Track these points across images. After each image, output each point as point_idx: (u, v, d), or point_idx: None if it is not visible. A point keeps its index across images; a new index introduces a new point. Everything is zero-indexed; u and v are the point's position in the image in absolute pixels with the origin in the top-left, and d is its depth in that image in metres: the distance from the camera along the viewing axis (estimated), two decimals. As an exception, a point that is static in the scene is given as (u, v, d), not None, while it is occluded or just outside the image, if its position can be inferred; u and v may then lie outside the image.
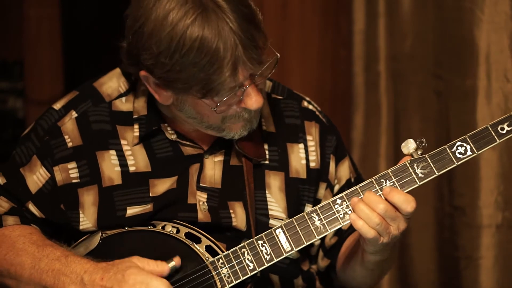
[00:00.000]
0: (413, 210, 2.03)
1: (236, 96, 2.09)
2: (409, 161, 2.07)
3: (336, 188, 2.35)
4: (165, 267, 2.04)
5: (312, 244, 2.36)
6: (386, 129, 3.55)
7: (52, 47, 4.53)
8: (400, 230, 2.05)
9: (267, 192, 2.27)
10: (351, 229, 2.31)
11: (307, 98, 2.40)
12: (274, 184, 2.27)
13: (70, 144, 2.24)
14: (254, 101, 2.11)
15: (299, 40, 3.85)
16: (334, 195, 2.30)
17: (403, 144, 2.07)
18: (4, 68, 4.77)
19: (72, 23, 4.55)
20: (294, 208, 2.23)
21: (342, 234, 2.34)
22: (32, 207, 2.25)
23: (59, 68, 4.54)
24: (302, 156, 2.31)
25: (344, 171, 2.36)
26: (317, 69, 3.86)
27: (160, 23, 2.02)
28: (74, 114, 2.27)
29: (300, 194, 2.29)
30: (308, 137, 2.33)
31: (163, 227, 2.19)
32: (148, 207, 2.21)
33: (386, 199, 2.02)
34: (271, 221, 2.24)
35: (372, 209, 2.01)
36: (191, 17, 2.00)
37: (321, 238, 2.14)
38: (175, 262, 2.05)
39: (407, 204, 2.02)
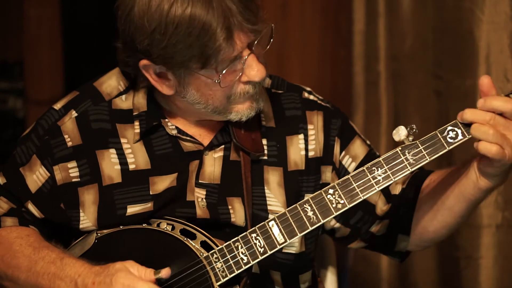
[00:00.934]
0: None
1: (238, 69, 2.10)
2: (400, 148, 2.06)
3: (353, 165, 2.32)
4: (151, 277, 2.04)
5: (333, 230, 2.35)
6: (386, 129, 3.55)
7: (52, 47, 4.53)
8: None
9: (265, 187, 2.26)
10: (414, 185, 2.28)
11: (308, 89, 2.40)
12: (273, 179, 2.27)
13: (70, 144, 2.25)
14: (256, 71, 2.11)
15: (299, 40, 3.85)
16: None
17: (394, 131, 2.06)
18: (4, 68, 4.76)
19: (72, 23, 4.55)
20: (293, 201, 2.22)
21: (399, 196, 2.29)
22: (31, 207, 2.26)
23: (59, 68, 4.53)
24: (302, 146, 2.31)
25: (358, 148, 2.34)
26: (317, 69, 3.86)
27: (148, 1, 2.04)
28: (74, 113, 2.27)
29: (300, 186, 2.29)
30: (309, 126, 2.32)
31: (158, 225, 2.19)
32: (148, 206, 2.21)
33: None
34: (270, 216, 2.23)
35: (479, 123, 1.97)
36: None
37: (314, 228, 2.11)
38: (162, 274, 2.04)
39: (507, 103, 1.98)
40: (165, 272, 2.04)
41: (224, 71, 2.09)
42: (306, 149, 2.31)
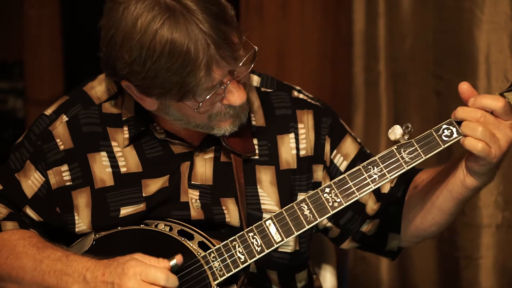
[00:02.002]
0: (505, 106, 1.98)
1: (218, 94, 2.10)
2: (396, 147, 2.07)
3: (345, 164, 2.32)
4: (166, 264, 2.04)
5: (326, 229, 2.36)
6: (386, 129, 3.54)
7: (52, 47, 4.53)
8: (509, 137, 1.99)
9: (258, 187, 2.27)
10: (403, 183, 2.29)
11: (297, 88, 2.40)
12: (265, 178, 2.28)
13: (62, 147, 2.25)
14: (236, 97, 2.11)
15: (299, 40, 3.86)
16: (343, 172, 2.28)
17: (389, 130, 2.06)
18: (4, 68, 4.76)
19: (72, 23, 4.54)
20: (287, 200, 2.23)
21: (387, 195, 2.31)
22: (29, 211, 2.26)
23: (59, 68, 4.53)
24: (293, 146, 2.31)
25: (349, 146, 2.35)
26: (317, 69, 3.86)
27: (129, 32, 2.03)
28: (65, 118, 2.28)
29: (292, 185, 2.29)
30: (300, 125, 2.32)
31: (156, 226, 2.20)
32: (141, 207, 2.21)
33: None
34: (265, 215, 2.24)
35: (469, 120, 1.98)
36: (159, 22, 2.00)
37: (311, 227, 2.12)
38: (177, 260, 2.04)
39: (496, 101, 1.98)
40: (178, 258, 2.04)
41: (205, 98, 2.09)
42: (297, 148, 2.31)
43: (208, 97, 2.08)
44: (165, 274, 2.00)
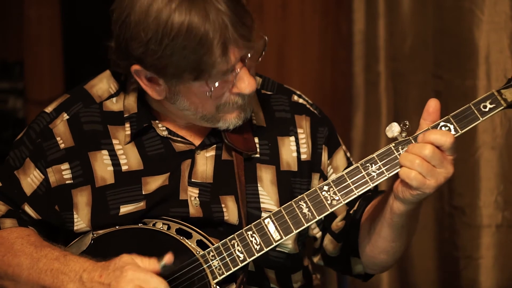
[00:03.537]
0: (454, 142, 1.97)
1: (229, 81, 2.10)
2: (393, 144, 2.06)
3: (333, 177, 2.32)
4: (156, 266, 2.03)
5: (315, 238, 2.37)
6: (386, 129, 3.55)
7: (52, 47, 4.53)
8: (449, 173, 1.99)
9: (259, 185, 2.27)
10: (363, 206, 2.29)
11: (298, 92, 2.41)
12: (266, 177, 2.28)
13: (62, 146, 2.25)
14: (247, 84, 2.12)
15: (299, 40, 3.86)
16: None
17: (387, 128, 2.06)
18: (4, 68, 4.77)
19: (72, 23, 4.55)
20: (286, 201, 2.23)
21: (351, 216, 2.31)
22: (28, 209, 2.26)
23: (59, 68, 4.54)
24: (293, 148, 2.32)
25: (340, 160, 2.36)
26: (317, 69, 3.86)
27: (145, 11, 2.03)
28: (65, 116, 2.28)
29: (292, 187, 2.30)
30: (299, 130, 2.33)
31: (154, 225, 2.20)
32: (141, 205, 2.21)
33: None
34: (263, 214, 2.24)
35: (415, 156, 1.97)
36: (176, 1, 2.02)
37: (309, 225, 2.12)
38: (166, 260, 2.03)
39: (445, 136, 1.96)
40: (167, 258, 2.03)
41: (216, 84, 2.09)
42: (298, 152, 2.32)
43: (220, 81, 2.08)
44: (164, 285, 1.99)
